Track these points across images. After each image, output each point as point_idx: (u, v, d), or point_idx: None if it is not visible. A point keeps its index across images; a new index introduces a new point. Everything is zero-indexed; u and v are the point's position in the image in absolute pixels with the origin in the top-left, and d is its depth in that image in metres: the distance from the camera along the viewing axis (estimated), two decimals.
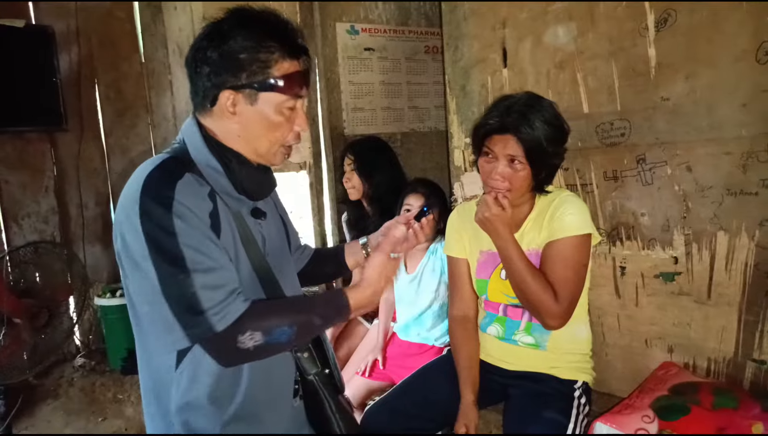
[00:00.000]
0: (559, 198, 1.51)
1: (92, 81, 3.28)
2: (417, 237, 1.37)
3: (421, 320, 2.09)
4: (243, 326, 0.99)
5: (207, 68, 1.05)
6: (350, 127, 3.05)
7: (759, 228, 1.54)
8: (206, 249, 0.99)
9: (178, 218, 0.97)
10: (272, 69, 1.05)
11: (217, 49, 1.04)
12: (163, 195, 0.98)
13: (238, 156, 1.10)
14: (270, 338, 1.01)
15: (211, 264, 0.99)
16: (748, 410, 1.39)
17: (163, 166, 1.04)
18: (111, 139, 3.37)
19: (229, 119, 1.07)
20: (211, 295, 0.98)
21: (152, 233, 0.97)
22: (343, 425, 1.20)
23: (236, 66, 1.04)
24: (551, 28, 1.85)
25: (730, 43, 1.51)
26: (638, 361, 1.83)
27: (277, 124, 1.08)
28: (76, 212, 3.31)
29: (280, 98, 1.07)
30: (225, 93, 1.05)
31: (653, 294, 1.77)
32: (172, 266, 0.97)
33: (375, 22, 3.10)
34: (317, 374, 1.20)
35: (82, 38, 3.22)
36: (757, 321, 1.57)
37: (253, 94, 1.05)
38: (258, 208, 1.17)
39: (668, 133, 1.65)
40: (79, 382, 3.07)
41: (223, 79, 1.04)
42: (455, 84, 2.17)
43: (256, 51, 1.04)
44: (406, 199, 2.02)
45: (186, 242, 0.97)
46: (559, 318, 1.44)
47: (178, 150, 1.11)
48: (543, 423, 1.46)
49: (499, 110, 1.45)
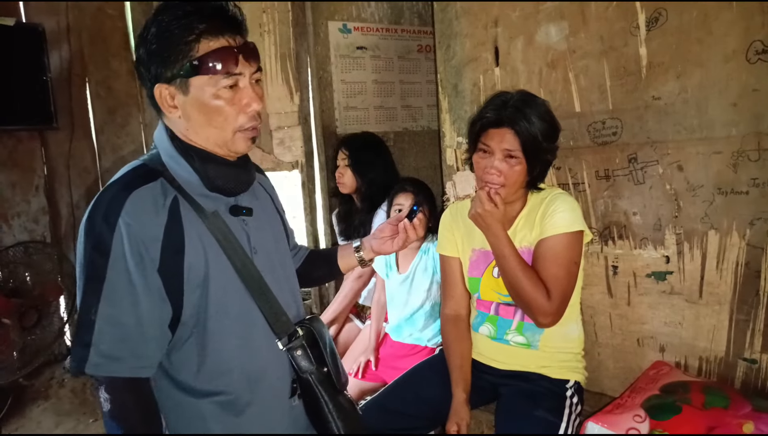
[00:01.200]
0: (551, 196, 1.51)
1: (83, 79, 3.26)
2: (409, 235, 1.37)
3: (413, 319, 2.08)
4: (108, 386, 0.97)
5: (142, 68, 1.03)
6: (342, 126, 3.04)
7: (749, 227, 1.54)
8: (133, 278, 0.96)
9: (118, 241, 0.95)
10: (194, 51, 0.98)
11: (143, 46, 1.01)
12: (110, 211, 0.96)
13: (200, 153, 1.06)
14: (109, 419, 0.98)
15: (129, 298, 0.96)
16: (739, 409, 1.39)
17: (126, 178, 1.03)
18: (102, 137, 3.35)
19: (175, 114, 1.04)
20: (109, 331, 0.96)
21: (89, 247, 0.97)
22: (341, 425, 1.18)
23: (160, 57, 0.99)
24: (543, 27, 1.84)
25: (720, 42, 1.51)
26: (630, 360, 1.83)
27: (216, 109, 1.01)
28: (66, 212, 3.29)
29: (210, 80, 0.99)
30: (158, 89, 1.01)
31: (645, 293, 1.77)
32: (88, 284, 0.97)
33: (367, 21, 3.09)
34: (313, 372, 1.17)
35: (73, 36, 3.20)
36: (748, 320, 1.58)
37: (183, 82, 1.00)
38: (237, 206, 1.14)
39: (659, 132, 1.66)
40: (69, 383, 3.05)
41: (154, 75, 1.01)
42: (447, 83, 2.16)
43: (173, 35, 0.98)
44: (396, 198, 2.02)
45: (116, 267, 0.95)
46: (551, 316, 1.44)
47: (153, 156, 1.09)
48: (535, 423, 1.46)
49: (495, 105, 1.47)
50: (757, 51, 1.45)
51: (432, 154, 3.25)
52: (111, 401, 0.97)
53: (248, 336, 1.11)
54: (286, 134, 2.94)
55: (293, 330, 1.17)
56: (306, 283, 1.47)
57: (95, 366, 0.95)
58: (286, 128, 2.93)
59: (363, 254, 1.40)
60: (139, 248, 0.96)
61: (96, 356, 0.95)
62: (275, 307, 1.15)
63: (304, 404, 1.21)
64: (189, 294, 1.03)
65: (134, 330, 0.97)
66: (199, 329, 1.06)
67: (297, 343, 1.16)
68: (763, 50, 1.44)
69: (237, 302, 1.10)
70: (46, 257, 2.91)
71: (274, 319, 1.14)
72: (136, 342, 0.98)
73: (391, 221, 1.41)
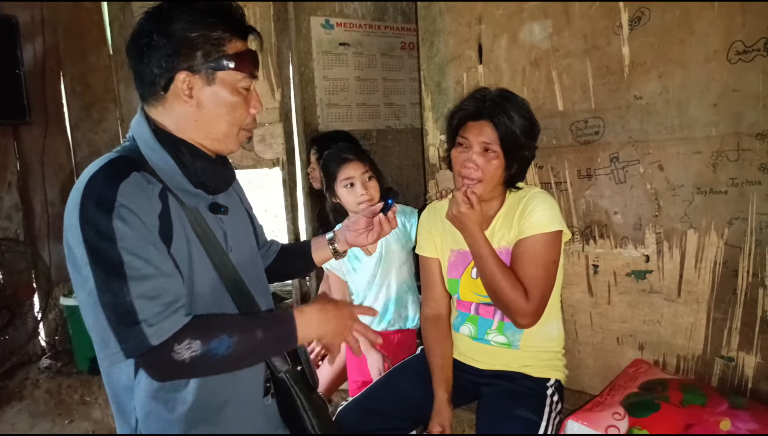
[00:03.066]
0: (529, 195, 1.51)
1: (58, 73, 3.19)
2: (384, 228, 1.37)
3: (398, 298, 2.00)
4: (181, 336, 0.95)
5: (156, 53, 1.01)
6: (324, 123, 3.01)
7: (728, 226, 1.55)
8: (147, 255, 0.95)
9: (119, 222, 0.93)
10: (225, 47, 1.04)
11: (164, 33, 1.01)
12: (104, 198, 0.94)
13: (191, 148, 1.07)
14: (208, 348, 0.96)
15: (149, 271, 0.95)
16: (716, 406, 1.41)
17: (108, 167, 0.99)
18: (78, 133, 3.27)
19: (185, 104, 1.04)
20: (148, 305, 0.94)
21: (91, 238, 0.93)
22: (316, 423, 1.17)
23: (189, 46, 1.01)
24: (527, 25, 1.84)
25: (701, 42, 1.52)
26: (610, 358, 1.85)
27: (235, 105, 1.07)
28: (40, 209, 3.21)
29: (236, 77, 1.05)
30: (180, 75, 1.02)
31: (625, 292, 1.78)
32: (108, 273, 0.93)
33: (350, 17, 3.06)
34: (288, 371, 1.17)
35: (48, 29, 3.12)
36: (725, 318, 1.60)
37: (210, 73, 1.03)
38: (216, 203, 1.13)
39: (641, 131, 1.66)
40: (44, 384, 2.99)
41: (176, 62, 1.01)
42: (430, 80, 2.15)
43: (207, 29, 1.02)
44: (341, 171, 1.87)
45: (125, 247, 0.93)
46: (529, 317, 1.43)
47: (127, 148, 1.06)
48: (516, 422, 1.46)
49: (474, 99, 1.48)
50: (738, 51, 1.46)
51: (415, 152, 3.24)
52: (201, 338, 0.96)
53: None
54: (267, 131, 2.91)
55: None
56: (280, 277, 1.47)
57: (156, 335, 0.93)
58: (267, 125, 2.90)
59: (337, 245, 1.41)
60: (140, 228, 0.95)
61: (151, 328, 0.93)
62: (252, 306, 1.14)
63: (277, 403, 1.21)
64: None
65: (169, 285, 0.97)
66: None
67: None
68: (743, 50, 1.45)
69: (216, 300, 1.09)
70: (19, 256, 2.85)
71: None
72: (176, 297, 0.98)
73: (365, 213, 1.41)
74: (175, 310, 0.96)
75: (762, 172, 1.48)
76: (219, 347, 0.97)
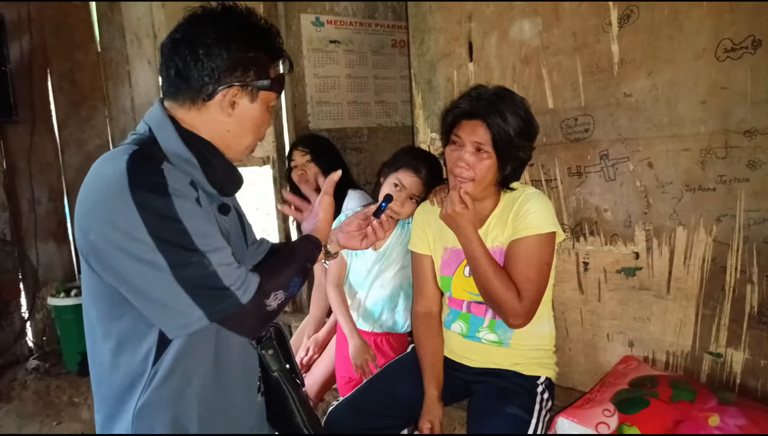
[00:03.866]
0: (524, 195, 1.50)
1: (45, 71, 3.15)
2: (378, 235, 1.37)
3: (390, 300, 2.00)
4: (266, 290, 1.04)
5: (211, 63, 1.04)
6: (315, 121, 3.00)
7: (716, 223, 1.56)
8: (209, 230, 1.01)
9: (177, 200, 0.96)
10: (270, 69, 1.12)
11: (225, 46, 1.05)
12: (156, 182, 0.96)
13: (217, 151, 1.11)
14: (289, 293, 1.10)
15: (218, 243, 1.01)
16: (705, 402, 1.41)
17: (141, 155, 0.99)
18: (65, 131, 3.24)
19: (224, 114, 1.09)
20: (229, 271, 1.00)
21: (155, 222, 0.94)
22: (306, 418, 1.22)
23: (246, 65, 1.07)
24: (517, 22, 1.84)
25: (690, 40, 1.52)
26: (600, 355, 1.85)
27: (264, 121, 1.15)
28: (27, 208, 3.17)
29: (272, 96, 1.14)
30: (232, 90, 1.07)
31: (615, 289, 1.78)
32: (184, 250, 0.96)
33: (341, 15, 3.05)
34: (280, 370, 1.21)
35: (35, 26, 3.09)
36: (713, 315, 1.60)
37: (255, 92, 1.10)
38: (225, 204, 1.17)
39: (630, 129, 1.67)
40: (32, 384, 2.96)
41: (231, 77, 1.06)
42: (421, 78, 2.15)
43: (261, 50, 1.09)
44: (397, 172, 1.81)
45: (191, 224, 0.97)
46: (521, 317, 1.43)
47: (143, 141, 1.06)
48: (506, 419, 1.46)
49: (469, 97, 1.46)
50: (726, 49, 1.47)
51: None
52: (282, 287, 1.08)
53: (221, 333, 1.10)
54: None
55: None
56: None
57: (245, 295, 1.00)
58: None
59: (329, 246, 1.43)
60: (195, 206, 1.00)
61: (239, 290, 1.00)
62: None
63: (267, 401, 1.24)
64: None
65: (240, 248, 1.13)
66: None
67: (268, 343, 1.20)
68: (732, 48, 1.46)
69: None
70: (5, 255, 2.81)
71: None
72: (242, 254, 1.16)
73: (359, 214, 1.42)
74: (246, 269, 1.04)
75: (750, 169, 1.48)
76: (294, 288, 1.12)
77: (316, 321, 2.39)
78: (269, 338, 1.21)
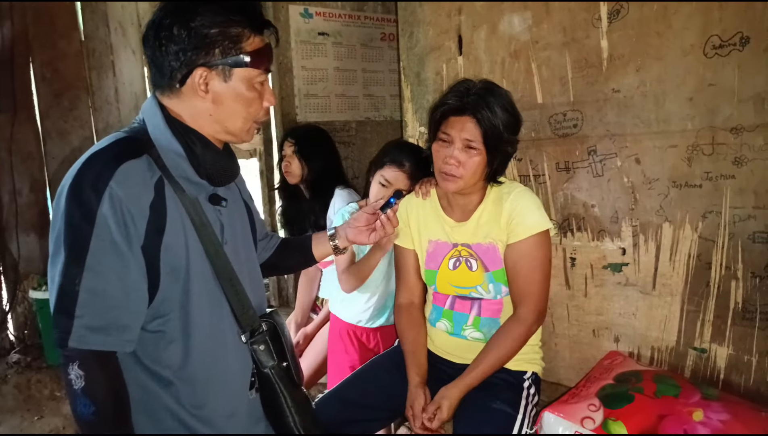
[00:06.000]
0: (514, 193, 1.49)
1: (26, 59, 3.07)
2: (386, 230, 1.38)
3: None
4: (85, 360, 0.95)
5: (175, 47, 1.01)
6: (303, 113, 2.97)
7: (702, 220, 1.57)
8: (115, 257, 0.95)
9: (106, 207, 0.93)
10: (243, 44, 1.04)
11: (184, 26, 1.01)
12: (99, 176, 0.94)
13: (202, 139, 1.08)
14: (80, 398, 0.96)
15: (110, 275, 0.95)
16: (689, 397, 1.42)
17: (114, 146, 1.00)
18: (48, 121, 3.16)
19: (201, 98, 1.05)
20: (91, 301, 0.94)
21: (72, 213, 0.94)
22: (298, 419, 1.19)
23: (208, 43, 1.02)
24: (506, 16, 1.83)
25: (678, 36, 1.52)
26: (585, 350, 1.86)
27: (251, 100, 1.08)
28: (8, 199, 3.10)
29: (252, 73, 1.06)
30: (198, 71, 1.03)
31: (601, 285, 1.79)
32: (70, 252, 0.94)
33: (330, 7, 3.02)
34: (273, 367, 1.19)
35: (16, 13, 3.00)
36: (698, 311, 1.62)
37: (227, 70, 1.04)
38: (217, 195, 1.14)
39: (618, 125, 1.67)
40: (13, 378, 2.90)
41: (194, 57, 1.02)
42: (410, 71, 2.13)
43: (226, 26, 1.02)
44: (382, 170, 1.78)
45: (99, 234, 0.94)
46: (537, 322, 1.51)
47: (136, 130, 1.06)
48: (493, 415, 1.46)
49: (457, 92, 1.44)
50: (714, 46, 1.47)
51: None
52: (85, 378, 0.96)
53: (216, 326, 1.11)
54: None
55: (258, 324, 1.18)
56: (279, 271, 1.51)
57: (79, 338, 0.94)
58: None
59: (338, 242, 1.43)
60: (126, 220, 0.95)
61: (80, 328, 0.94)
62: (243, 300, 1.15)
63: (261, 398, 1.22)
64: (165, 275, 1.03)
65: (120, 302, 0.97)
66: (183, 315, 1.05)
67: (260, 338, 1.18)
68: (719, 45, 1.46)
69: (210, 292, 1.10)
70: None
71: (241, 312, 1.15)
72: (121, 314, 0.98)
73: (367, 210, 1.41)
74: (110, 332, 0.96)
75: (736, 166, 1.49)
76: (84, 406, 0.96)
77: (303, 309, 2.38)
78: (261, 332, 1.18)
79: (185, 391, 1.07)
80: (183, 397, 1.08)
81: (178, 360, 1.06)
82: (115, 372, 1.01)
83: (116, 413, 1.00)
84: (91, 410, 0.96)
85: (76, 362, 0.95)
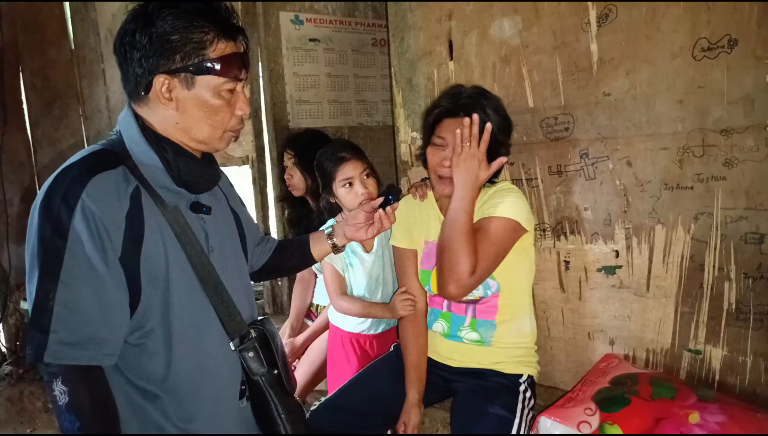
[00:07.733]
0: (503, 187, 1.52)
1: (16, 67, 3.05)
2: (384, 224, 1.37)
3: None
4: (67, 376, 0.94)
5: (137, 53, 0.99)
6: (295, 120, 2.96)
7: (694, 221, 1.57)
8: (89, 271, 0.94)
9: (78, 221, 0.92)
10: (208, 50, 1.00)
11: (146, 32, 0.98)
12: (71, 190, 0.93)
13: (175, 147, 1.06)
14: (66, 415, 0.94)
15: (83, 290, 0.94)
16: (685, 399, 1.42)
17: (88, 158, 0.99)
18: (38, 130, 3.14)
19: (165, 106, 1.03)
20: (66, 316, 0.93)
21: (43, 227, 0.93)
22: (290, 428, 1.17)
23: (168, 49, 0.99)
24: (497, 21, 1.83)
25: (667, 39, 1.53)
26: (581, 354, 1.86)
27: (216, 108, 1.04)
28: None
29: (217, 81, 1.02)
30: (159, 78, 1.00)
31: (595, 288, 1.79)
32: (43, 266, 0.93)
33: (321, 13, 3.02)
34: (264, 374, 1.16)
35: (5, 21, 2.99)
36: (692, 312, 1.62)
37: (189, 78, 1.01)
38: (198, 203, 1.12)
39: (609, 128, 1.67)
40: (5, 391, 2.87)
41: (155, 64, 1.00)
42: (401, 76, 2.13)
43: (188, 31, 0.99)
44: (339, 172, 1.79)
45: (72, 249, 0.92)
46: (464, 288, 1.42)
47: (113, 141, 1.05)
48: (489, 419, 1.46)
49: (450, 95, 1.47)
50: (703, 48, 1.48)
51: (387, 149, 3.22)
52: (69, 393, 0.94)
53: (202, 335, 1.10)
54: None
55: (246, 331, 1.16)
56: (280, 272, 1.49)
57: (54, 354, 0.92)
58: None
59: (336, 240, 1.42)
60: (100, 233, 0.94)
61: (55, 344, 0.92)
62: (230, 307, 1.13)
63: (252, 406, 1.20)
64: (146, 286, 1.01)
65: (95, 316, 0.95)
66: (164, 326, 1.04)
67: (249, 345, 1.16)
68: (708, 47, 1.47)
69: (193, 300, 1.08)
70: None
71: (228, 319, 1.13)
72: (98, 328, 0.95)
73: (365, 208, 1.41)
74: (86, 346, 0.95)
75: (727, 167, 1.50)
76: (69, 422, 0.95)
77: (298, 315, 2.36)
78: (250, 339, 1.16)
79: (172, 404, 1.06)
80: (170, 410, 1.06)
81: (162, 372, 1.04)
82: (100, 387, 0.99)
83: (103, 428, 0.98)
84: (76, 425, 0.94)
85: (59, 377, 0.94)
